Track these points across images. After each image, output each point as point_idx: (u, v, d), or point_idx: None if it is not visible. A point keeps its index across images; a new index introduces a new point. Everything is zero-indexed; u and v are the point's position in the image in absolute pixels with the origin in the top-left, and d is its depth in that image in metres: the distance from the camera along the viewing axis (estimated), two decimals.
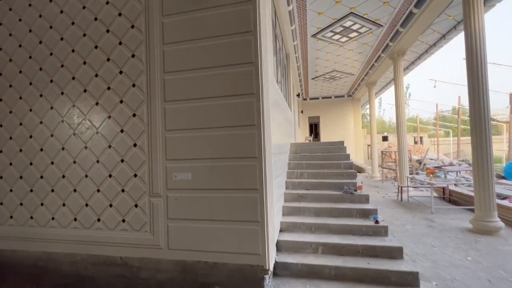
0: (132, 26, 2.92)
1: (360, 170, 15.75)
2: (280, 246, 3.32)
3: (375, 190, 9.49)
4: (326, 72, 12.00)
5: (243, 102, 2.59)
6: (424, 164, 11.38)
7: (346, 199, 4.06)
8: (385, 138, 22.03)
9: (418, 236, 4.57)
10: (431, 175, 7.01)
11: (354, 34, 8.06)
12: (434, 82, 13.23)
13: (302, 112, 15.76)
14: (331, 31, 7.81)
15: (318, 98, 17.38)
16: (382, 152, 11.37)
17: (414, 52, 9.72)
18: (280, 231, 3.64)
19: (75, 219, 3.07)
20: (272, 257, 2.67)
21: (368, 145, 18.62)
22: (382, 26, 7.56)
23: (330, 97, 17.17)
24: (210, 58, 2.69)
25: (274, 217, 2.99)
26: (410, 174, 9.16)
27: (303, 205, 3.97)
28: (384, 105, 40.96)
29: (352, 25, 7.46)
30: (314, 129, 18.22)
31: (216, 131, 2.66)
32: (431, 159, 12.61)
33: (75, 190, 3.07)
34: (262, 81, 2.59)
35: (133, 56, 2.91)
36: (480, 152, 4.70)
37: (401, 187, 7.54)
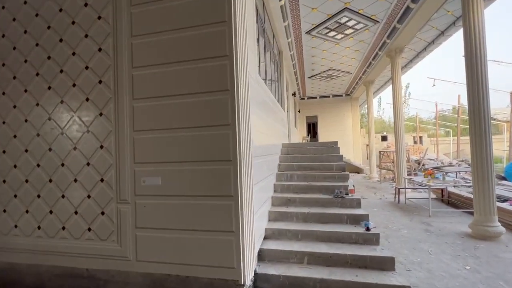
0: (99, 17, 2.68)
1: (358, 170, 15.52)
2: (264, 255, 3.07)
3: (372, 191, 9.24)
4: (323, 71, 11.74)
5: (217, 99, 2.35)
6: (423, 165, 11.13)
7: (337, 203, 3.81)
8: (384, 138, 21.79)
9: (415, 242, 4.32)
10: (429, 176, 6.76)
11: (350, 31, 7.80)
12: (433, 81, 12.97)
13: (299, 111, 15.52)
14: (326, 28, 7.55)
15: (316, 98, 17.13)
16: (380, 152, 11.12)
17: (413, 50, 9.47)
18: (265, 238, 3.40)
19: (39, 227, 2.83)
20: (249, 270, 2.43)
21: (367, 145, 18.37)
22: (378, 22, 7.31)
23: (328, 96, 16.92)
24: (181, 52, 2.44)
25: (255, 225, 2.75)
26: (408, 175, 8.91)
27: (291, 210, 3.72)
28: (383, 105, 40.64)
29: (348, 21, 7.20)
30: (312, 128, 17.97)
31: (188, 131, 2.42)
32: (430, 159, 12.35)
33: (39, 196, 2.83)
34: (238, 77, 2.35)
35: (100, 50, 2.67)
36: (480, 153, 4.46)
37: (398, 188, 7.29)
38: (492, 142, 4.50)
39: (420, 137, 21.34)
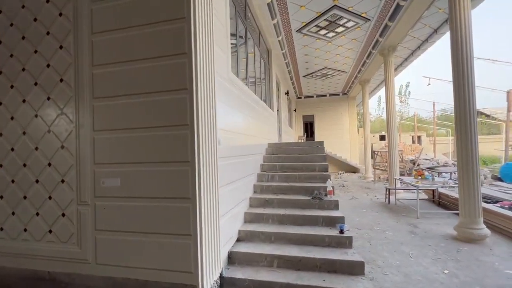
0: (60, 14, 2.61)
1: (355, 170, 15.42)
2: (234, 258, 3.01)
3: (365, 191, 9.14)
4: (317, 70, 11.63)
5: (175, 99, 2.27)
6: (418, 165, 11.00)
7: (314, 205, 3.73)
8: (383, 138, 21.61)
9: (397, 244, 4.23)
10: (419, 177, 6.65)
11: (341, 29, 7.69)
12: (428, 80, 12.79)
13: (295, 110, 15.41)
14: (316, 26, 7.45)
15: (312, 97, 17.01)
16: (374, 152, 10.99)
17: (407, 48, 9.33)
18: (238, 240, 3.32)
19: (1, 229, 2.78)
20: (209, 275, 2.35)
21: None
22: (369, 20, 7.18)
23: (325, 95, 16.79)
24: (141, 49, 2.37)
25: (223, 228, 2.68)
26: (402, 175, 8.80)
27: (267, 212, 3.65)
28: (383, 104, 40.23)
29: (338, 19, 7.09)
30: (309, 128, 17.85)
31: (146, 131, 2.35)
32: (426, 159, 12.21)
33: (1, 197, 2.78)
34: (198, 75, 2.27)
35: (61, 47, 2.60)
36: (465, 153, 4.35)
37: (389, 189, 7.19)
38: (477, 142, 4.39)
39: (419, 137, 21.15)
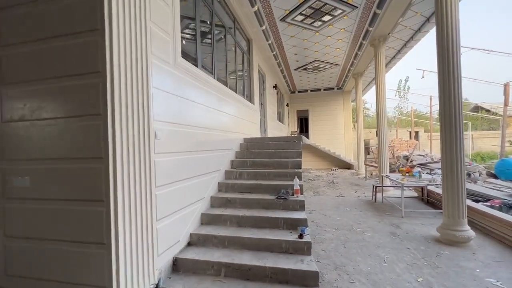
0: None
1: (349, 166, 15.06)
2: (179, 265, 2.69)
3: (354, 189, 8.81)
4: (307, 62, 11.20)
5: (85, 84, 1.93)
6: (411, 161, 10.63)
7: (279, 205, 3.40)
8: None
9: (373, 248, 3.91)
10: (407, 174, 6.29)
11: (328, 17, 7.27)
12: (422, 72, 12.33)
13: (287, 105, 15.01)
14: (301, 14, 7.03)
15: (306, 91, 16.58)
16: (365, 148, 10.61)
17: (399, 39, 8.89)
18: (189, 244, 3.01)
19: None
20: None
21: (364, 140, 17.82)
22: (356, 7, 6.76)
23: (319, 90, 16.36)
24: (47, 26, 2.02)
25: (159, 234, 2.36)
26: (393, 171, 8.44)
27: (227, 213, 3.32)
28: None
29: (322, 6, 6.67)
30: (304, 123, 17.47)
31: (56, 122, 2.01)
32: (421, 155, 11.83)
33: None
34: (115, 56, 1.92)
35: None
36: (449, 151, 3.99)
37: (376, 186, 6.84)
38: (463, 138, 4.03)
39: (417, 132, 20.71)
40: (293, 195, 3.48)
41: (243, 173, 4.20)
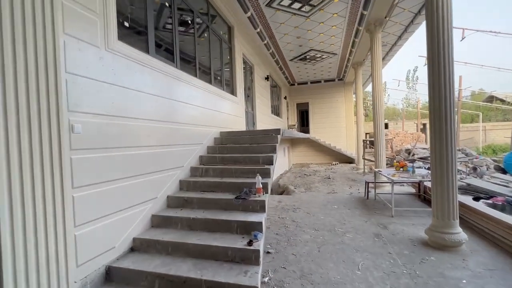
0: None
1: (350, 160, 14.52)
2: (113, 275, 2.40)
3: (349, 184, 8.35)
4: (302, 52, 10.67)
5: None
6: (413, 154, 10.03)
7: (238, 206, 3.05)
8: (386, 126, 20.41)
9: (351, 252, 3.51)
10: (401, 168, 5.80)
11: (316, 1, 6.74)
12: (425, 60, 11.53)
13: (285, 98, 14.51)
14: None
15: (306, 83, 16.00)
16: (363, 141, 10.08)
17: (398, 23, 8.25)
18: (132, 250, 2.71)
19: None
20: None
21: (366, 134, 17.17)
22: None
23: (320, 81, 15.75)
24: None
25: (83, 240, 2.06)
26: (387, 165, 7.92)
27: (179, 215, 3.00)
28: (389, 91, 37.68)
29: None
30: (305, 116, 16.94)
31: None
32: (424, 148, 11.17)
33: None
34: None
35: None
36: (439, 144, 3.52)
37: (368, 182, 6.39)
38: (455, 130, 3.55)
39: (424, 125, 19.82)
40: (254, 194, 3.11)
41: (209, 170, 3.86)
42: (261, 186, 3.10)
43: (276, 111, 12.48)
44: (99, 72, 2.42)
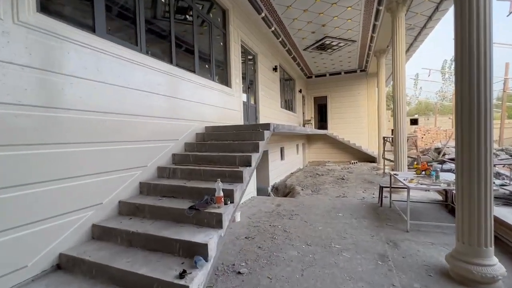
0: None
1: (372, 159, 13.28)
2: None
3: (364, 187, 7.39)
4: (317, 40, 9.71)
5: None
6: (444, 154, 8.70)
7: (192, 219, 2.45)
8: (414, 122, 18.57)
9: (342, 280, 2.76)
10: (422, 172, 4.82)
11: None
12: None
13: (300, 91, 13.58)
14: None
15: (325, 75, 14.88)
16: (383, 138, 8.94)
17: (429, 0, 7.00)
18: (59, 267, 2.24)
19: None
20: None
21: (391, 130, 15.66)
22: None
23: (339, 73, 14.55)
24: None
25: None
26: (409, 167, 6.83)
27: (121, 226, 2.48)
28: (421, 83, 33.91)
29: None
30: (324, 111, 15.87)
31: None
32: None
33: None
34: None
35: None
36: (468, 152, 2.62)
37: (382, 187, 5.45)
38: (491, 125, 2.61)
39: None
40: (214, 203, 2.49)
41: (177, 171, 3.30)
42: (221, 194, 2.47)
43: (288, 105, 11.65)
44: (3, 51, 1.94)
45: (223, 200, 2.47)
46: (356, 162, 13.10)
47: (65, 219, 2.33)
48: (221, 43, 5.65)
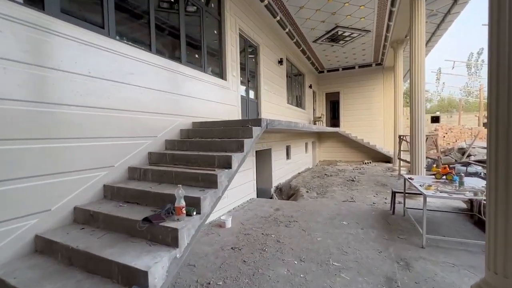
0: None
1: (388, 159, 12.40)
2: None
3: (376, 190, 6.70)
4: (327, 31, 9.02)
5: None
6: (469, 155, 7.79)
7: (145, 234, 2.00)
8: (435, 119, 17.29)
9: None
10: (443, 177, 4.13)
11: None
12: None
13: (310, 87, 12.88)
14: None
15: (337, 70, 14.07)
16: (399, 137, 8.14)
17: None
18: None
19: None
20: None
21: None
22: None
23: (353, 67, 13.69)
24: None
25: None
26: (427, 171, 6.08)
27: (64, 240, 2.07)
28: (444, 78, 31.47)
29: None
30: (337, 108, 15.07)
31: None
32: (484, 147, 8.70)
33: None
34: None
35: None
36: (505, 160, 1.97)
37: (395, 192, 4.79)
38: None
39: None
40: (172, 214, 2.02)
41: (148, 172, 2.88)
42: (182, 204, 2.00)
43: (297, 101, 11.03)
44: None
45: (184, 211, 2.01)
46: (370, 162, 12.28)
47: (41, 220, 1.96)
48: (215, 32, 5.17)
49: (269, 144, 7.24)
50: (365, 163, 12.14)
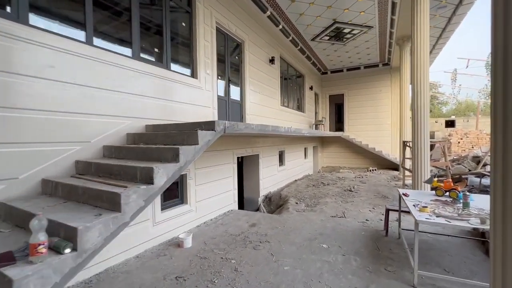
0: None
1: (395, 167, 11.45)
2: None
3: (374, 204, 5.91)
4: (325, 27, 8.33)
5: None
6: (485, 165, 6.83)
7: None
8: (450, 124, 16.03)
9: None
10: (446, 193, 3.36)
11: None
12: None
13: (311, 88, 12.16)
14: None
15: (341, 71, 13.28)
16: (403, 143, 7.29)
17: None
18: None
19: None
20: None
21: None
22: None
23: (358, 68, 12.87)
24: None
25: None
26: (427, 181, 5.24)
27: None
28: (461, 78, 29.40)
29: None
30: (341, 111, 14.23)
31: None
32: None
33: None
34: None
35: None
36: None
37: (388, 209, 4.04)
38: None
39: None
40: (32, 255, 1.44)
41: (59, 187, 2.33)
42: (40, 240, 1.42)
43: (294, 103, 10.35)
44: None
45: (43, 250, 1.42)
46: (375, 170, 11.37)
47: None
48: (188, 24, 4.64)
49: (256, 149, 6.61)
50: (370, 170, 11.25)
